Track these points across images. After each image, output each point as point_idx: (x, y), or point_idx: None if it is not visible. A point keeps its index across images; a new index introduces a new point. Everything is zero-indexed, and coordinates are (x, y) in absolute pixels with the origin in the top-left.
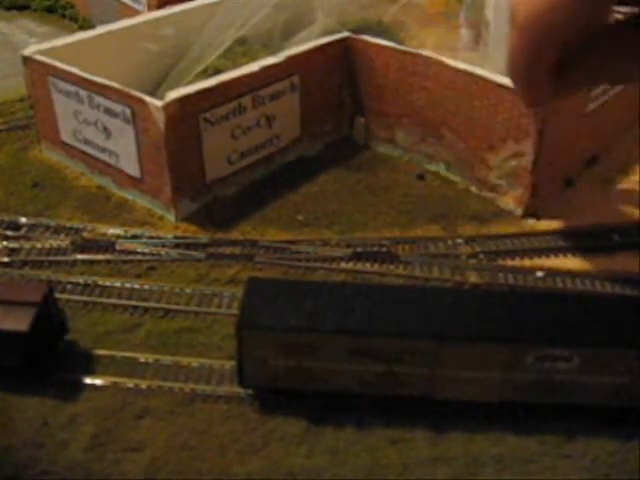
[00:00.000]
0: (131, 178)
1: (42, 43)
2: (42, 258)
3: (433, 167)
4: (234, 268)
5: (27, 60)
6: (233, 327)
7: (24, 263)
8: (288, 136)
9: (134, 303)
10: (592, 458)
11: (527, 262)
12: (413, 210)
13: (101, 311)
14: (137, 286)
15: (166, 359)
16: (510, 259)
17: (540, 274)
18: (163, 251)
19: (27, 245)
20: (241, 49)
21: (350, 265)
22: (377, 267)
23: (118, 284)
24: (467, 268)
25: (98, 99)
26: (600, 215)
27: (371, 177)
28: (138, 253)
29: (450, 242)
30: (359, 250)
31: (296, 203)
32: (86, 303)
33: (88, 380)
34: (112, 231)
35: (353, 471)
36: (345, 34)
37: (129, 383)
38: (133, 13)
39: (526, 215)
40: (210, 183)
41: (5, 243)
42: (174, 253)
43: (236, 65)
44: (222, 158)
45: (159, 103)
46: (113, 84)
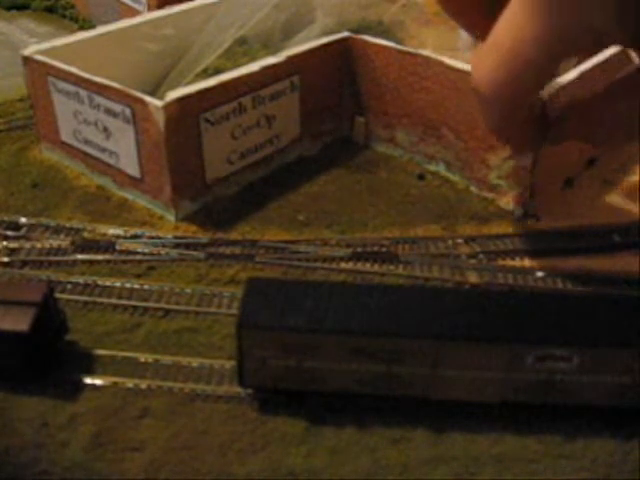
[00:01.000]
0: (131, 178)
1: (42, 43)
2: (42, 258)
3: (433, 167)
4: (234, 268)
5: (27, 60)
6: (233, 327)
7: (24, 263)
8: (288, 136)
9: (134, 303)
10: (592, 458)
11: (527, 262)
12: (413, 210)
13: (101, 311)
14: (137, 286)
15: (166, 359)
16: (510, 259)
17: (540, 274)
18: (163, 251)
19: (27, 245)
20: (241, 49)
21: (350, 265)
22: (377, 267)
23: (118, 284)
24: (467, 268)
25: (98, 99)
26: (600, 215)
27: (371, 177)
28: (138, 253)
29: (450, 242)
30: (359, 250)
31: (296, 203)
32: (86, 303)
33: (88, 380)
34: (112, 231)
35: (353, 471)
36: (345, 34)
37: (129, 383)
38: (133, 13)
39: (526, 215)
40: (210, 183)
41: (5, 243)
42: (174, 253)
43: (236, 65)
44: (222, 158)
45: (159, 103)
46: (113, 84)
